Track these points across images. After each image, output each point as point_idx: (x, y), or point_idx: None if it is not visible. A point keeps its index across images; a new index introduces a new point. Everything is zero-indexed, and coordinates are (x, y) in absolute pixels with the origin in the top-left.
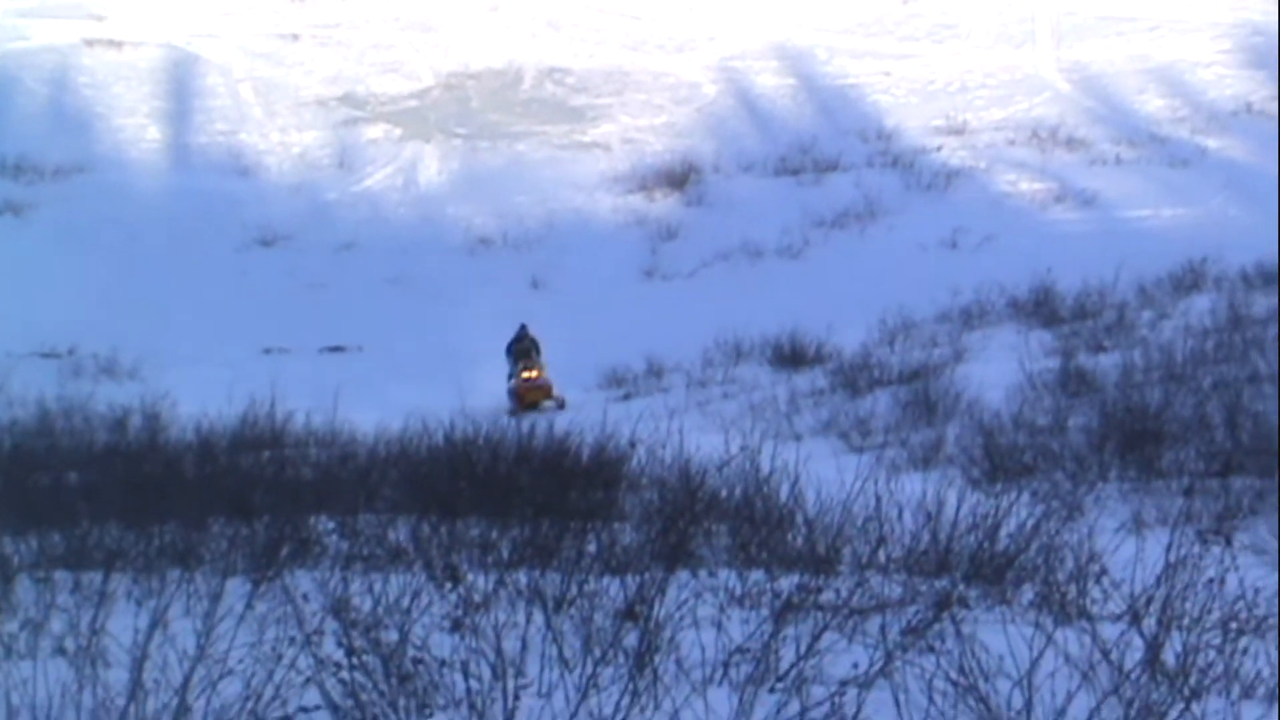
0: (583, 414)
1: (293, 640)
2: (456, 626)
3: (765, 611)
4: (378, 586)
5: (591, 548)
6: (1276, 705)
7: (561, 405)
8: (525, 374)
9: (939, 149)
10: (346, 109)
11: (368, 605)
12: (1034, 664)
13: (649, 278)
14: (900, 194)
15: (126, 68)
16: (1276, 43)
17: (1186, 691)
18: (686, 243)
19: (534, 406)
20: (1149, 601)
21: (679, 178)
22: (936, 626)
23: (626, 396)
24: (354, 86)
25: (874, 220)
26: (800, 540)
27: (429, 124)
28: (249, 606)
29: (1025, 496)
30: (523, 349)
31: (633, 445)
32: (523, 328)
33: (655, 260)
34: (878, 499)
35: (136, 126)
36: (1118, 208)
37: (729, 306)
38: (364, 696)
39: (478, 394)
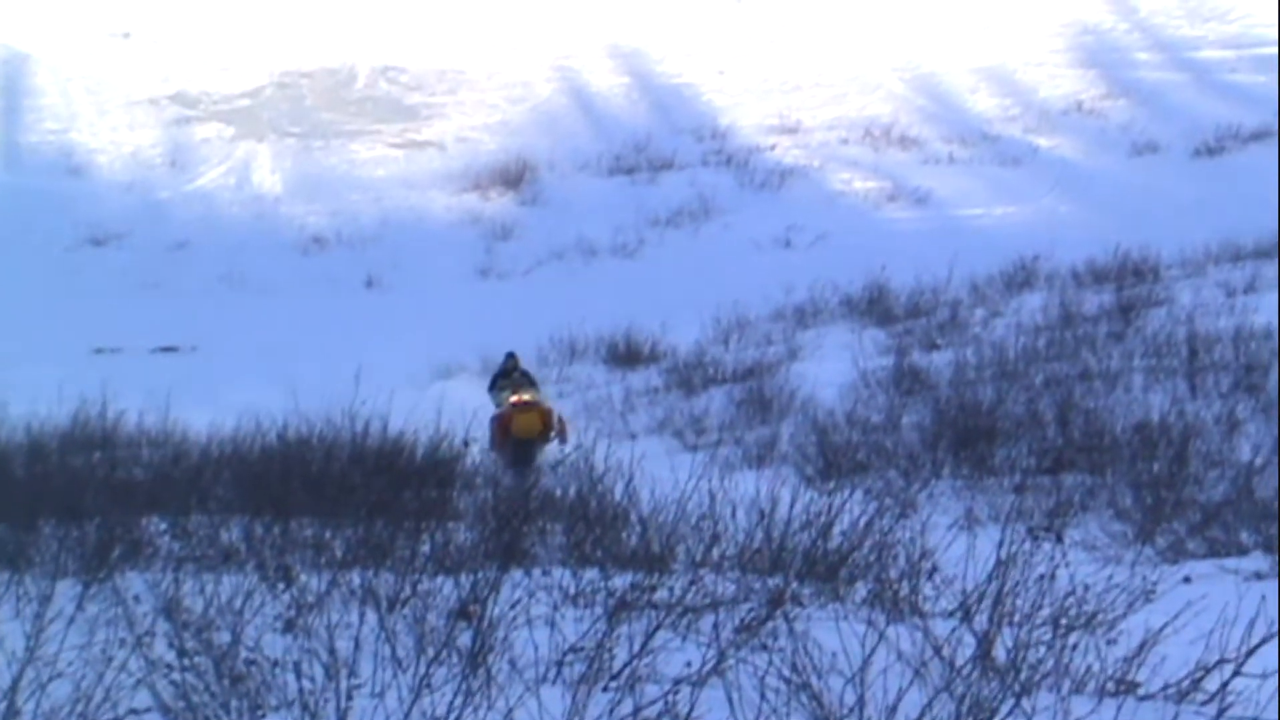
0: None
1: (123, 642)
2: (289, 627)
3: (599, 610)
4: (210, 587)
5: (425, 547)
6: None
7: (561, 435)
8: (515, 397)
9: (773, 148)
10: (178, 108)
11: (200, 606)
12: (866, 661)
13: (484, 277)
14: (734, 193)
15: None
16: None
17: (1017, 687)
18: (521, 242)
19: (528, 443)
20: (980, 598)
21: (514, 177)
22: (770, 624)
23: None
24: (186, 85)
25: (708, 219)
26: (634, 539)
27: (262, 123)
28: (79, 608)
29: (859, 494)
30: (513, 383)
31: (466, 444)
32: (510, 357)
33: (490, 259)
34: (712, 497)
35: None
36: (950, 206)
37: (564, 305)
38: (196, 698)
39: (309, 394)
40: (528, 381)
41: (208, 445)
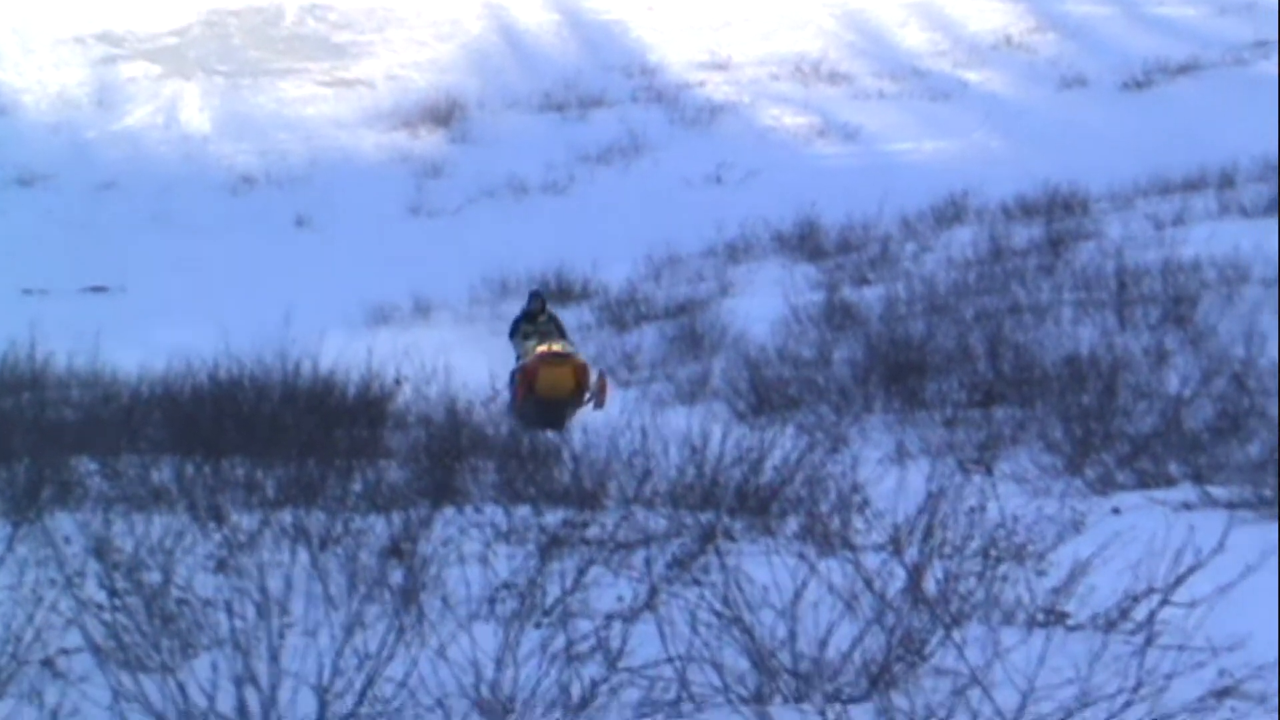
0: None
1: (54, 582)
2: (221, 566)
3: (531, 547)
4: (141, 527)
5: (357, 486)
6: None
7: (600, 397)
8: (543, 347)
9: (703, 84)
10: (105, 46)
11: (130, 546)
12: (798, 594)
13: (414, 215)
14: (665, 129)
15: None
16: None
17: (947, 618)
18: (452, 180)
19: (557, 404)
20: (911, 531)
21: (443, 114)
22: (701, 559)
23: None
24: (112, 24)
25: (639, 156)
26: (567, 476)
27: (189, 61)
28: (9, 549)
29: (790, 429)
30: (539, 329)
31: (398, 383)
32: (536, 297)
33: (420, 197)
34: (644, 434)
35: None
36: (880, 141)
37: (495, 243)
38: (126, 638)
39: (239, 334)
40: (556, 328)
41: (138, 386)
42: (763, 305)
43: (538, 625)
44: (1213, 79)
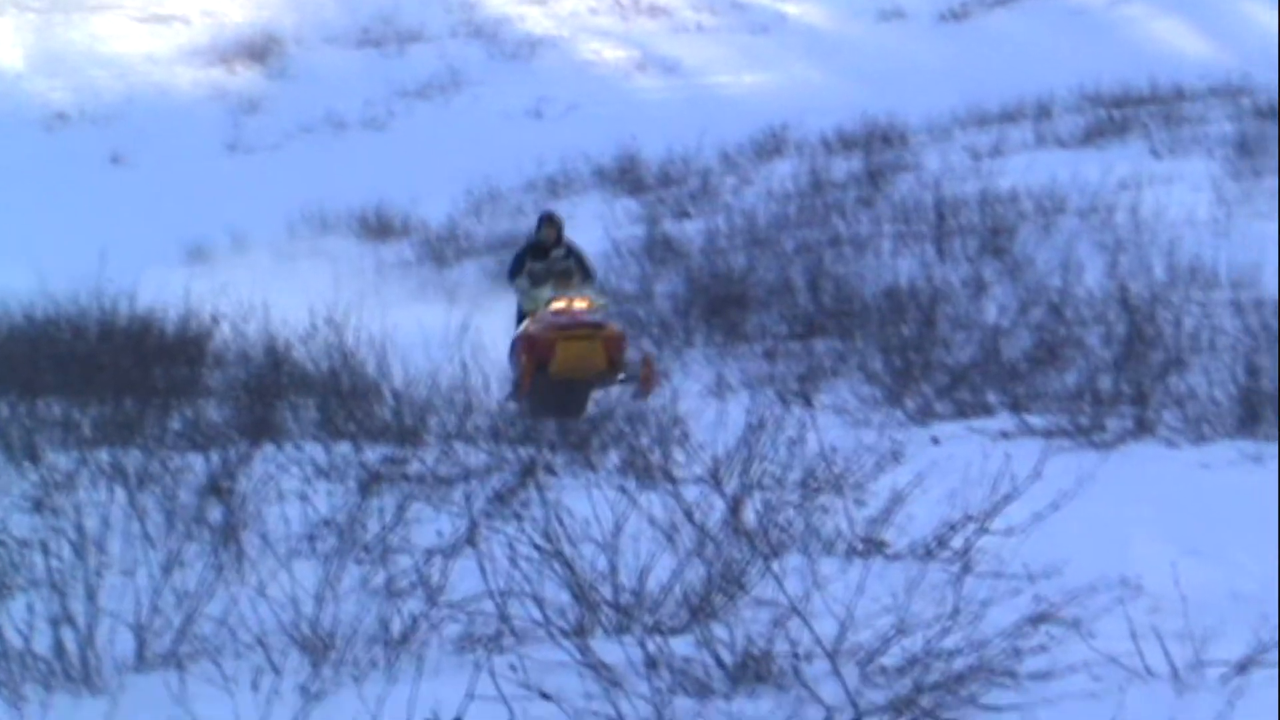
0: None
1: None
2: (37, 506)
3: (352, 484)
4: None
5: (176, 424)
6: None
7: (646, 384)
8: (561, 302)
9: (522, 19)
10: None
11: None
12: (618, 528)
13: (232, 152)
14: (484, 64)
15: None
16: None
17: (767, 549)
18: (269, 116)
19: (575, 385)
20: (731, 463)
21: (260, 50)
22: (522, 494)
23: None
24: None
25: (458, 91)
26: (388, 412)
27: None
28: None
29: None
30: (552, 267)
31: (216, 321)
32: (548, 222)
33: (238, 134)
34: (465, 369)
35: None
36: (700, 75)
37: (314, 180)
38: None
39: (55, 273)
40: (578, 267)
41: None
42: (583, 239)
43: (358, 561)
44: (1029, 10)
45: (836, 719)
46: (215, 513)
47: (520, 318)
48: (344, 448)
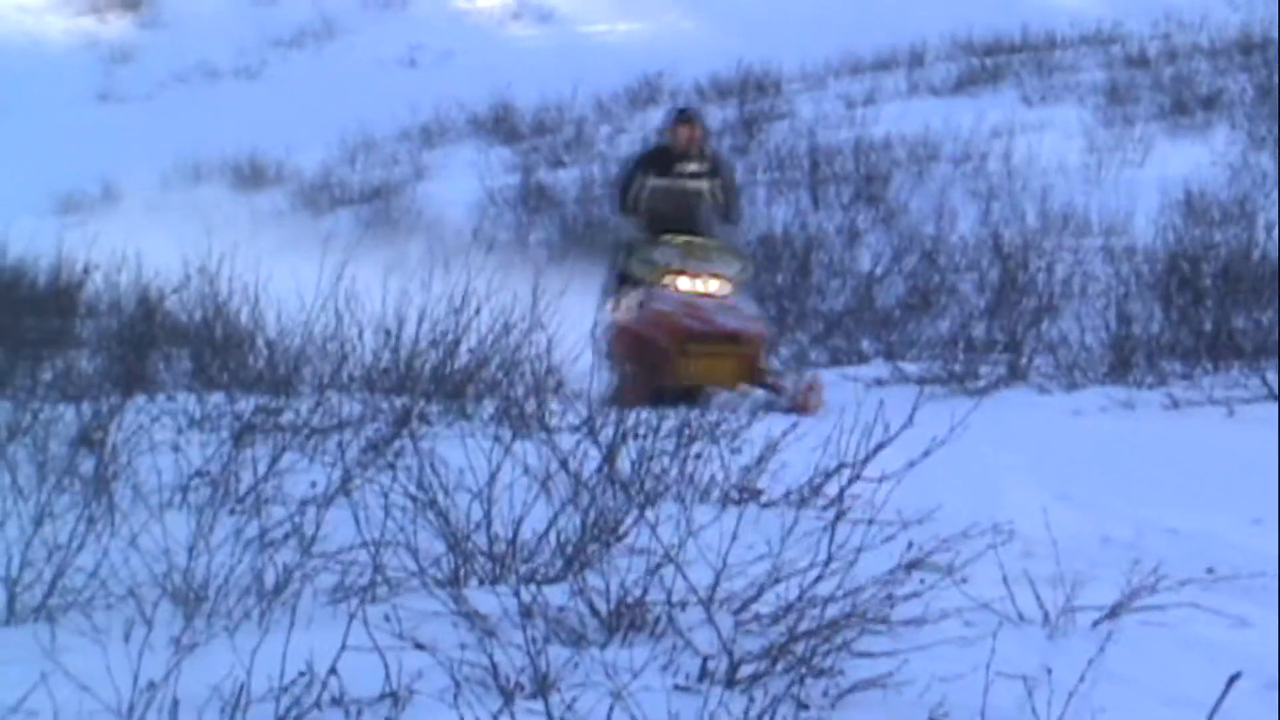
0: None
1: None
2: None
3: (225, 434)
4: None
5: (47, 376)
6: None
7: (802, 409)
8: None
9: None
10: None
11: None
12: (493, 477)
13: (104, 101)
14: (357, 12)
15: None
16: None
17: (642, 498)
18: (141, 65)
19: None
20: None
21: None
22: (396, 444)
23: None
24: None
25: (331, 39)
26: (261, 362)
27: None
28: None
29: (485, 312)
30: (675, 185)
31: (88, 271)
32: (682, 117)
33: (109, 83)
34: (339, 318)
35: None
36: (574, 23)
37: (187, 129)
38: None
39: None
40: (725, 198)
41: None
42: (458, 188)
43: (231, 512)
44: None
45: (711, 666)
46: (87, 464)
47: (620, 277)
48: (217, 398)
